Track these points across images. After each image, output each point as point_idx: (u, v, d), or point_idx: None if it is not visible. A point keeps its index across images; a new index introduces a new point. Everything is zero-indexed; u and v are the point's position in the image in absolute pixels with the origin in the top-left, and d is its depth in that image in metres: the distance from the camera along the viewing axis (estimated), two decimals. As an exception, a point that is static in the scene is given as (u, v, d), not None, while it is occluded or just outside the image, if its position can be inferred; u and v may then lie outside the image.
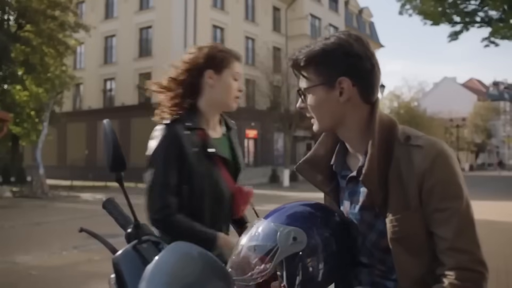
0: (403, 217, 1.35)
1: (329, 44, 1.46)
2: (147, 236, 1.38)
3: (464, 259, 1.29)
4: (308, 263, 1.38)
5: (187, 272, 1.07)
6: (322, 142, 1.62)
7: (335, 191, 1.60)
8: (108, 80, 38.03)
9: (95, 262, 7.85)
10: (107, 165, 1.36)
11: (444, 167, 1.35)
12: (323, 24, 43.60)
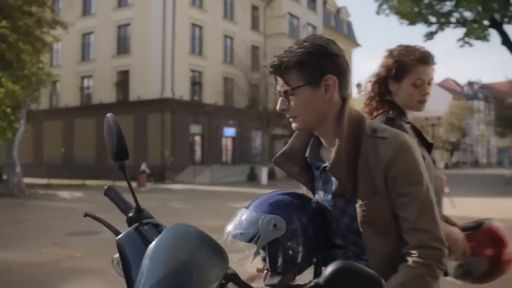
0: (371, 202, 1.51)
1: (310, 45, 1.60)
2: (148, 219, 1.51)
3: (425, 238, 1.45)
4: (288, 247, 1.52)
5: (185, 248, 1.21)
6: (297, 136, 1.76)
7: (310, 181, 1.75)
8: (86, 77, 37.77)
9: (76, 258, 7.91)
10: (111, 155, 1.49)
11: (406, 157, 1.50)
12: (301, 23, 43.85)
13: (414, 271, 1.42)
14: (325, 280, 1.16)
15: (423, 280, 1.42)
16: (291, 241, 1.53)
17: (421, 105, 2.30)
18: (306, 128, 1.69)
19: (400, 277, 1.42)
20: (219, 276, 1.20)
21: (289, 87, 1.59)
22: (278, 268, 1.55)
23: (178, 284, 1.16)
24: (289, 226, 1.52)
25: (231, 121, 36.71)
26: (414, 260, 1.44)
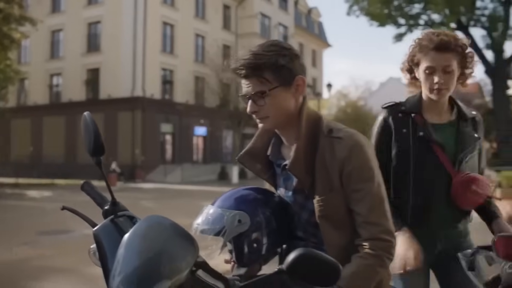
0: (327, 198, 1.64)
1: (280, 48, 1.71)
2: (123, 212, 1.62)
3: (376, 230, 1.59)
4: (253, 240, 1.65)
5: (158, 238, 1.32)
6: (260, 135, 1.87)
7: (273, 178, 1.87)
8: (55, 75, 37.23)
9: (47, 257, 7.90)
10: (88, 151, 1.60)
11: (359, 155, 1.63)
12: (273, 23, 44.05)
13: (365, 261, 1.56)
14: (288, 266, 1.28)
15: (373, 270, 1.57)
16: (255, 235, 1.64)
17: (434, 93, 2.30)
18: (274, 128, 1.78)
19: (353, 266, 1.56)
20: (190, 264, 1.31)
21: (265, 88, 1.66)
22: (244, 260, 1.67)
23: (151, 272, 1.27)
24: (253, 220, 1.64)
25: (202, 120, 36.68)
26: (365, 251, 1.58)
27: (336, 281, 1.30)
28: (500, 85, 28.01)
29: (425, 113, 2.37)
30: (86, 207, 1.77)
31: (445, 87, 2.28)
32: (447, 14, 29.82)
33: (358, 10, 34.64)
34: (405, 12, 33.26)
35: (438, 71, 2.26)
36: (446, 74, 2.26)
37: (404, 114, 2.38)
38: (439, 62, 2.25)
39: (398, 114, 2.39)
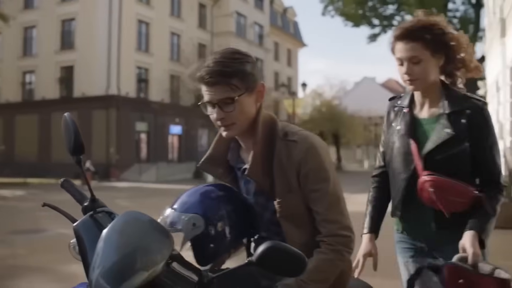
0: (287, 198, 1.74)
1: (243, 55, 1.74)
2: (102, 208, 1.69)
3: (334, 227, 1.70)
4: (209, 241, 1.71)
5: (135, 232, 1.40)
6: (219, 140, 1.92)
7: (234, 181, 1.94)
8: (28, 73, 36.66)
9: (20, 256, 7.86)
10: (68, 150, 1.67)
11: (314, 157, 1.72)
12: (248, 22, 44.13)
13: (325, 256, 1.67)
14: (257, 258, 1.38)
15: (333, 263, 1.68)
16: (211, 236, 1.70)
17: (407, 85, 2.23)
18: (238, 135, 1.82)
19: (314, 261, 1.66)
20: (165, 256, 1.40)
21: (233, 94, 1.69)
22: (201, 260, 1.75)
23: (128, 265, 1.35)
24: (210, 222, 1.70)
25: (178, 118, 36.59)
26: (325, 247, 1.69)
27: (302, 271, 1.40)
28: (471, 85, 28.53)
29: (416, 107, 2.32)
30: (61, 206, 1.83)
31: (415, 78, 2.19)
32: (420, 15, 30.34)
33: (333, 10, 35.03)
34: (379, 13, 33.75)
35: (406, 62, 2.19)
36: (415, 65, 2.17)
37: (399, 108, 2.36)
38: (404, 53, 2.18)
39: (395, 108, 2.39)
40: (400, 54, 2.19)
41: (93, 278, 1.35)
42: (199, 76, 1.70)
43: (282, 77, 50.00)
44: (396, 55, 2.23)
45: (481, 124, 2.17)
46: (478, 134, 2.16)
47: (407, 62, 2.18)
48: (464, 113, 2.16)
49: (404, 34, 2.16)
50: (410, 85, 2.22)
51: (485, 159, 2.18)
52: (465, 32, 16.68)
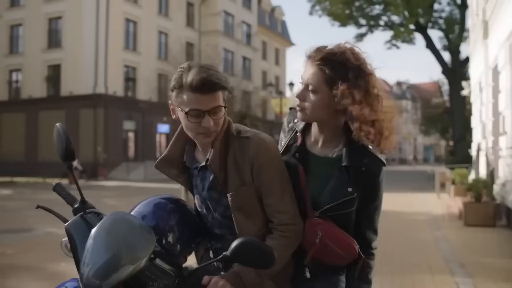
0: (240, 191, 1.88)
1: (216, 70, 1.85)
2: (91, 209, 1.85)
3: (285, 217, 1.87)
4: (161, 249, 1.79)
5: (121, 231, 1.57)
6: (174, 143, 2.07)
7: (187, 181, 2.09)
8: (14, 71, 36.49)
9: (9, 255, 7.93)
10: (60, 157, 1.83)
11: (265, 153, 1.88)
12: (236, 21, 44.23)
13: (276, 241, 1.83)
14: (231, 252, 1.55)
15: (283, 248, 1.84)
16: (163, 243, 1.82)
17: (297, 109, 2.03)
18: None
19: None
20: (149, 252, 1.55)
21: (222, 103, 1.83)
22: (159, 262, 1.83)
23: (115, 261, 1.51)
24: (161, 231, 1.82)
25: (165, 117, 36.55)
26: (277, 234, 1.86)
27: (272, 264, 1.57)
28: (456, 86, 28.94)
29: (309, 137, 2.10)
30: (48, 204, 1.97)
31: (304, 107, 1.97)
32: (406, 15, 30.62)
33: (320, 10, 35.22)
34: (366, 13, 34.01)
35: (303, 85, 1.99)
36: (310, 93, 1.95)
37: (293, 126, 2.15)
38: (306, 76, 1.97)
39: (289, 124, 2.19)
40: (303, 75, 1.98)
41: (83, 272, 1.50)
42: (189, 82, 1.77)
43: (270, 76, 50.17)
44: (302, 73, 1.99)
45: (375, 185, 1.97)
46: (368, 194, 1.97)
47: (304, 86, 1.97)
48: (361, 169, 1.93)
49: (315, 57, 1.93)
50: (299, 112, 2.00)
51: (368, 220, 2.03)
52: (451, 32, 16.71)
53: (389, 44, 33.95)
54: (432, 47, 31.76)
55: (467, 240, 9.09)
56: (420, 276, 6.38)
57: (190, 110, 1.80)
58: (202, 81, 1.75)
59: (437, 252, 7.86)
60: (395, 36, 32.68)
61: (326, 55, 1.90)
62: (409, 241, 8.68)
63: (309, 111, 1.96)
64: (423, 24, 31.93)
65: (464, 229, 10.19)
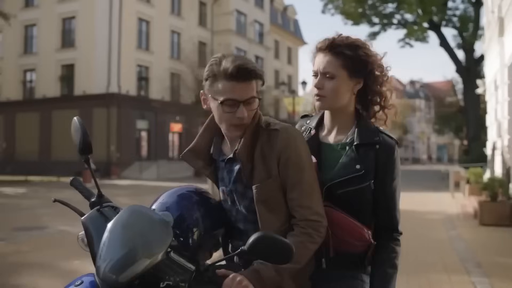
0: (265, 184, 1.84)
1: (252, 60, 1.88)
2: (107, 203, 1.83)
3: (307, 213, 1.82)
4: (186, 239, 1.78)
5: (138, 224, 1.54)
6: (202, 135, 2.05)
7: (213, 174, 2.06)
8: (28, 71, 36.79)
9: (23, 253, 7.98)
10: (78, 150, 1.81)
11: (294, 146, 1.84)
12: (249, 20, 44.20)
13: (297, 238, 1.78)
14: (249, 247, 1.51)
15: (304, 245, 1.79)
16: (182, 234, 1.77)
17: (315, 100, 2.08)
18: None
19: None
20: (166, 246, 1.52)
21: (255, 94, 1.84)
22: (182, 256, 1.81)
23: (131, 255, 1.48)
24: (185, 221, 1.79)
25: (178, 117, 36.67)
26: (298, 230, 1.81)
27: (290, 259, 1.53)
28: (470, 84, 28.66)
29: (323, 130, 2.14)
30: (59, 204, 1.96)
31: (323, 94, 2.02)
32: (420, 13, 30.39)
33: (333, 8, 35.07)
34: (379, 11, 33.81)
35: (319, 75, 2.03)
36: (327, 80, 2.00)
37: (306, 128, 2.19)
38: (320, 66, 2.02)
39: (302, 127, 2.23)
40: (316, 66, 2.03)
41: (100, 266, 1.48)
42: (225, 70, 1.76)
43: (283, 75, 50.10)
44: (313, 67, 2.06)
45: (388, 164, 1.98)
46: (383, 174, 1.97)
47: (320, 75, 2.01)
48: (373, 148, 1.97)
49: (326, 47, 1.99)
50: (317, 101, 2.04)
51: (387, 202, 1.99)
52: (465, 30, 16.54)
53: (402, 43, 33.72)
54: (446, 45, 31.48)
55: (482, 239, 8.99)
56: (436, 275, 6.31)
57: (226, 100, 1.79)
58: (238, 68, 1.75)
59: (453, 252, 7.79)
60: (409, 34, 32.45)
61: (336, 42, 1.99)
62: (424, 240, 8.60)
63: (330, 98, 2.00)
64: (436, 22, 31.67)
65: (479, 229, 10.08)
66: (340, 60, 1.97)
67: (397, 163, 2.02)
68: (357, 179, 1.94)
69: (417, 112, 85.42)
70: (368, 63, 2.00)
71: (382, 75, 2.07)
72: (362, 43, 2.03)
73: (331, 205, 1.94)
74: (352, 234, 1.92)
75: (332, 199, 1.95)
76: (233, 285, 1.60)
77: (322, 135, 2.12)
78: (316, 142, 2.08)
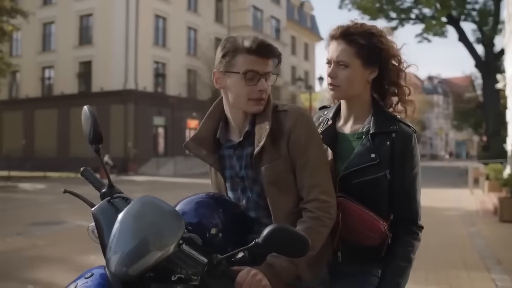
0: (275, 164, 1.80)
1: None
2: (118, 194, 1.79)
3: (315, 191, 1.77)
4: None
5: (149, 215, 1.49)
6: (206, 122, 2.01)
7: (218, 162, 1.99)
8: (47, 68, 37.15)
9: (39, 247, 8.03)
10: (88, 140, 1.77)
11: (303, 126, 1.81)
12: (265, 16, 44.10)
13: (307, 224, 1.72)
14: (263, 239, 1.46)
15: (315, 231, 1.72)
16: (206, 242, 1.70)
17: (329, 89, 2.04)
18: None
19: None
20: (177, 238, 1.48)
21: (272, 71, 1.86)
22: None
23: (142, 246, 1.44)
24: (203, 229, 1.72)
25: (195, 113, 36.73)
26: (307, 215, 1.75)
27: (305, 252, 1.47)
28: (490, 79, 28.24)
29: (340, 121, 2.10)
30: (76, 199, 1.92)
31: (337, 84, 1.98)
32: (438, 8, 29.99)
33: (350, 3, 34.78)
34: (396, 6, 33.44)
35: (333, 64, 1.99)
36: (341, 69, 1.96)
37: (323, 119, 2.15)
38: (333, 54, 1.98)
39: (320, 118, 2.20)
40: (330, 54, 1.99)
41: (110, 258, 1.44)
42: (247, 45, 1.79)
43: (299, 71, 49.91)
44: (327, 55, 2.02)
45: (405, 153, 1.92)
46: (400, 163, 1.91)
47: (334, 63, 1.97)
48: (389, 136, 1.92)
49: (340, 34, 1.95)
50: (331, 90, 2.01)
51: (404, 192, 1.93)
52: (485, 24, 16.35)
53: (420, 38, 33.29)
54: (465, 40, 31.05)
55: (503, 236, 8.85)
56: (456, 272, 6.21)
57: (247, 71, 1.80)
58: (259, 44, 1.79)
59: (472, 248, 7.67)
60: (427, 29, 32.02)
61: (349, 30, 1.95)
62: (443, 237, 8.47)
63: (344, 87, 1.97)
64: (455, 16, 31.23)
65: (499, 225, 9.92)
66: (354, 48, 1.93)
67: (415, 152, 1.96)
68: (372, 168, 1.90)
69: (435, 108, 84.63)
70: (382, 51, 1.95)
71: (399, 65, 2.02)
72: (378, 31, 1.97)
73: (346, 196, 1.89)
74: (367, 226, 1.86)
75: (347, 190, 1.91)
76: (247, 278, 1.56)
77: (338, 125, 2.09)
78: (333, 132, 2.04)
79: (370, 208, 1.88)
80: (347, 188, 1.91)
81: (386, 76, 2.01)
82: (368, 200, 1.90)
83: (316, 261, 1.79)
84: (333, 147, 2.00)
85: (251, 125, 1.88)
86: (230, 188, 1.97)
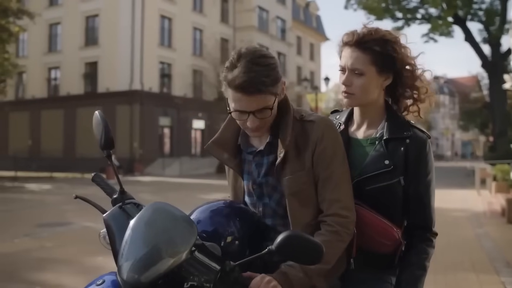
0: (298, 176, 1.77)
1: (271, 58, 1.76)
2: (130, 200, 1.77)
3: (336, 206, 1.74)
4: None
5: (161, 222, 1.48)
6: (227, 125, 1.97)
7: (239, 166, 1.96)
8: (53, 68, 37.28)
9: (47, 248, 8.03)
10: (99, 145, 1.76)
11: (330, 138, 1.77)
12: (271, 17, 44.07)
13: (324, 238, 1.68)
14: (277, 246, 1.44)
15: (332, 245, 1.69)
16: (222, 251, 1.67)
17: (343, 97, 2.00)
18: None
19: None
20: (190, 245, 1.46)
21: (269, 103, 1.72)
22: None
23: (154, 254, 1.42)
24: (219, 237, 1.69)
25: (200, 113, 36.77)
26: (325, 228, 1.72)
27: (320, 260, 1.45)
28: (496, 79, 28.14)
29: (352, 126, 2.08)
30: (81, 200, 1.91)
31: (352, 92, 1.94)
32: (444, 8, 29.89)
33: (356, 4, 34.71)
34: (402, 6, 33.35)
35: (347, 71, 1.94)
36: (356, 77, 1.92)
37: (336, 123, 2.08)
38: (348, 62, 1.93)
39: (336, 117, 2.17)
40: (344, 61, 1.95)
41: (121, 265, 1.42)
42: (232, 81, 1.69)
43: (305, 72, 49.87)
44: (340, 61, 1.98)
45: (420, 159, 1.89)
46: (415, 169, 1.89)
47: (348, 71, 1.93)
48: (403, 142, 1.90)
49: (354, 42, 1.91)
50: (345, 98, 1.97)
51: (419, 199, 1.91)
52: (491, 24, 16.30)
53: (426, 38, 33.20)
54: (471, 40, 30.93)
55: (511, 238, 8.79)
56: (464, 274, 6.17)
57: (234, 110, 1.75)
58: (243, 84, 1.66)
59: (481, 250, 7.62)
60: (433, 29, 31.92)
61: (364, 37, 1.90)
62: (450, 238, 8.42)
63: (359, 95, 1.93)
64: (462, 16, 31.12)
65: (507, 227, 9.87)
66: (368, 56, 1.89)
67: (430, 158, 1.93)
68: (386, 175, 1.87)
69: (441, 108, 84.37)
70: (397, 59, 1.92)
71: (413, 71, 1.99)
72: (393, 37, 1.93)
73: (360, 202, 1.85)
74: (381, 233, 1.83)
75: (360, 196, 1.87)
76: (261, 285, 1.53)
77: (351, 130, 2.06)
78: (345, 137, 1.99)
79: (383, 215, 1.86)
80: (361, 195, 1.87)
81: (400, 82, 1.98)
82: (381, 206, 1.87)
83: (331, 273, 1.77)
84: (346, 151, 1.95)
85: (273, 136, 1.84)
86: (248, 193, 1.94)
